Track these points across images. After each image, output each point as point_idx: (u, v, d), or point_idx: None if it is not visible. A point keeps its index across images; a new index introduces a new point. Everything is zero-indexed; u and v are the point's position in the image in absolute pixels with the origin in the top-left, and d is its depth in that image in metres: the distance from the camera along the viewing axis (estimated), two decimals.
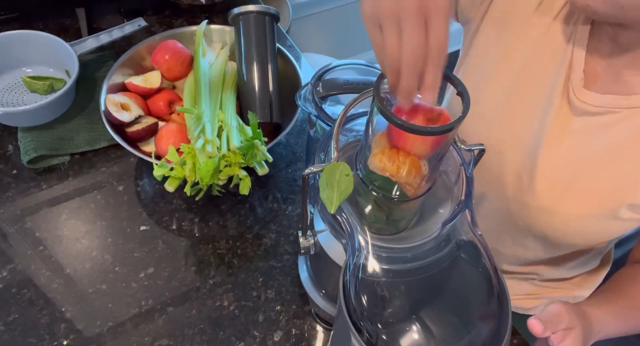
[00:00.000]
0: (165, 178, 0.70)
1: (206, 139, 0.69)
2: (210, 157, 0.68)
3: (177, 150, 0.70)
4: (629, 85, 0.57)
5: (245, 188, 0.72)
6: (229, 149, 0.70)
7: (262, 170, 0.73)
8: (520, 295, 0.86)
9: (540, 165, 0.63)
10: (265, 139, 0.73)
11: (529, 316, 0.88)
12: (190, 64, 0.86)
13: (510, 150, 0.65)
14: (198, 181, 0.69)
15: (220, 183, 0.71)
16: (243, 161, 0.71)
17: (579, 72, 0.58)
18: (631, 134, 0.57)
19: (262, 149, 0.71)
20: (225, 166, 0.70)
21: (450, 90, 0.81)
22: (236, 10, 0.82)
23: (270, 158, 0.73)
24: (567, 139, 0.61)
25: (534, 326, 0.55)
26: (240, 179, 0.72)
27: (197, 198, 0.76)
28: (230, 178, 0.72)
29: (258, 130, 0.72)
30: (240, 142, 0.71)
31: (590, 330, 0.61)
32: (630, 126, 0.57)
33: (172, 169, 0.69)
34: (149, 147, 0.80)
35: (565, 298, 0.86)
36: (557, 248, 0.71)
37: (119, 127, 0.77)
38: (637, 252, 0.73)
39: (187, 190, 0.70)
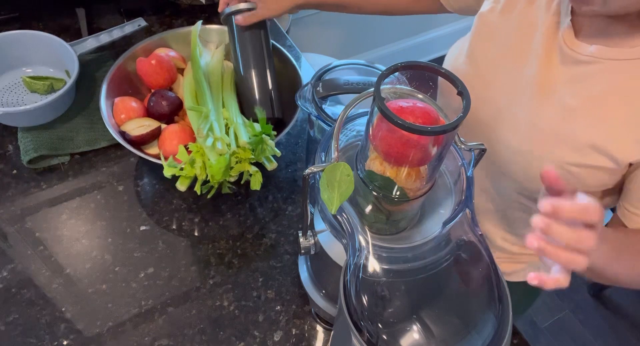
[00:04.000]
0: (174, 179, 0.70)
1: (215, 137, 0.70)
2: (220, 155, 0.69)
3: (186, 149, 0.70)
4: (614, 39, 0.59)
5: (256, 183, 0.72)
6: (238, 146, 0.71)
7: (271, 165, 0.74)
8: (501, 256, 0.87)
9: (526, 113, 0.65)
10: (275, 133, 0.73)
11: (513, 284, 0.88)
12: (173, 72, 0.86)
13: (499, 101, 0.68)
14: (209, 179, 0.69)
15: (232, 180, 0.72)
16: (253, 157, 0.71)
17: (566, 23, 0.61)
18: (611, 86, 0.60)
19: (271, 144, 0.72)
20: (236, 163, 0.71)
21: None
22: (227, 10, 0.82)
23: (278, 153, 0.74)
24: (556, 88, 0.64)
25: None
26: (251, 175, 0.72)
27: (208, 196, 0.76)
28: (240, 176, 0.73)
29: (267, 125, 0.72)
30: (249, 138, 0.71)
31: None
32: (612, 78, 0.60)
33: (182, 169, 0.69)
34: (151, 149, 0.79)
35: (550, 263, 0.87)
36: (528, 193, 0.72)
37: (136, 141, 0.77)
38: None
39: (197, 188, 0.70)
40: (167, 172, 0.69)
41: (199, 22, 0.87)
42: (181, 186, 0.70)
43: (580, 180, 0.66)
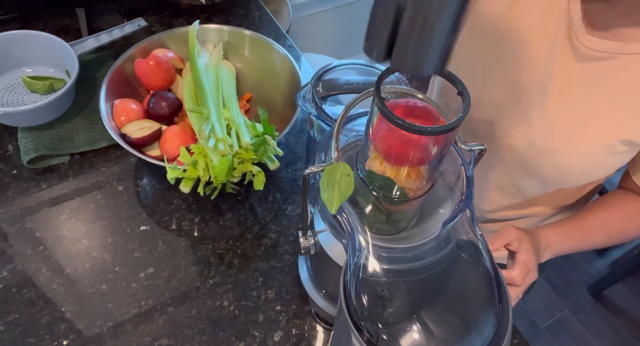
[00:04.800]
0: (177, 181, 0.71)
1: (217, 138, 0.70)
2: (223, 155, 0.69)
3: (188, 150, 0.70)
4: (625, 34, 0.60)
5: (260, 183, 0.72)
6: (240, 146, 0.71)
7: (274, 165, 0.74)
8: None
9: (547, 111, 0.66)
10: (277, 134, 0.74)
11: None
12: (172, 72, 0.86)
13: (517, 101, 0.69)
14: (212, 180, 0.69)
15: (235, 180, 0.72)
16: (255, 157, 0.71)
17: (577, 20, 0.62)
18: (629, 79, 0.61)
19: (273, 144, 0.72)
20: (239, 163, 0.71)
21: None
22: None
23: (281, 153, 0.74)
24: (572, 86, 0.64)
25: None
26: (254, 175, 0.72)
27: (212, 197, 0.77)
28: (242, 176, 0.73)
29: (270, 125, 0.73)
30: (251, 139, 0.72)
31: (537, 245, 0.69)
32: (629, 71, 0.61)
33: (184, 170, 0.69)
34: (152, 150, 0.79)
35: None
36: (553, 186, 0.75)
37: (137, 143, 0.77)
38: (622, 182, 0.78)
39: (201, 190, 0.70)
40: (171, 175, 0.69)
41: (196, 22, 0.87)
42: (185, 187, 0.71)
43: (604, 167, 0.68)
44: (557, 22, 0.64)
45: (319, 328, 0.71)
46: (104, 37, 0.92)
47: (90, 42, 0.91)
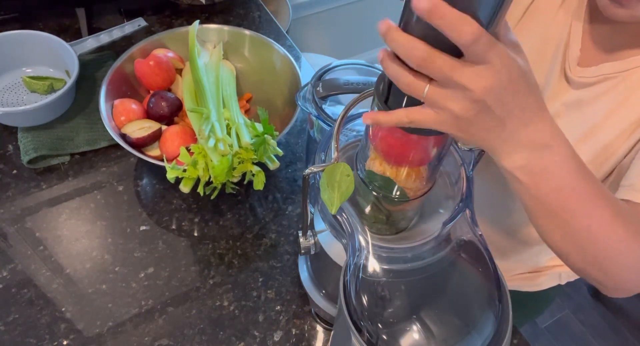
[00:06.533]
0: (175, 179, 0.71)
1: (217, 138, 0.70)
2: (223, 155, 0.69)
3: (188, 150, 0.71)
4: (622, 54, 0.61)
5: (259, 183, 0.73)
6: (240, 146, 0.71)
7: (274, 165, 0.75)
8: (524, 272, 0.87)
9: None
10: (277, 134, 0.74)
11: (532, 293, 0.88)
12: (172, 72, 0.86)
13: None
14: (211, 180, 0.69)
15: (235, 180, 0.72)
16: (255, 157, 0.71)
17: (575, 52, 0.62)
18: (629, 91, 0.61)
19: (273, 144, 0.73)
20: (238, 163, 0.71)
21: None
22: None
23: (280, 153, 0.74)
24: (567, 110, 0.64)
25: None
26: (254, 175, 0.72)
27: (212, 197, 0.77)
28: (242, 176, 0.73)
29: (270, 125, 0.73)
30: (251, 138, 0.72)
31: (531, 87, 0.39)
32: (627, 84, 0.61)
33: (184, 170, 0.70)
34: (152, 150, 0.79)
35: (569, 271, 0.88)
36: None
37: (137, 143, 0.77)
38: None
39: (200, 190, 0.70)
40: (171, 174, 0.69)
41: (196, 22, 0.87)
42: (185, 187, 0.71)
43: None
44: (555, 48, 0.64)
45: (319, 328, 0.71)
46: (104, 37, 0.92)
47: (90, 42, 0.91)
